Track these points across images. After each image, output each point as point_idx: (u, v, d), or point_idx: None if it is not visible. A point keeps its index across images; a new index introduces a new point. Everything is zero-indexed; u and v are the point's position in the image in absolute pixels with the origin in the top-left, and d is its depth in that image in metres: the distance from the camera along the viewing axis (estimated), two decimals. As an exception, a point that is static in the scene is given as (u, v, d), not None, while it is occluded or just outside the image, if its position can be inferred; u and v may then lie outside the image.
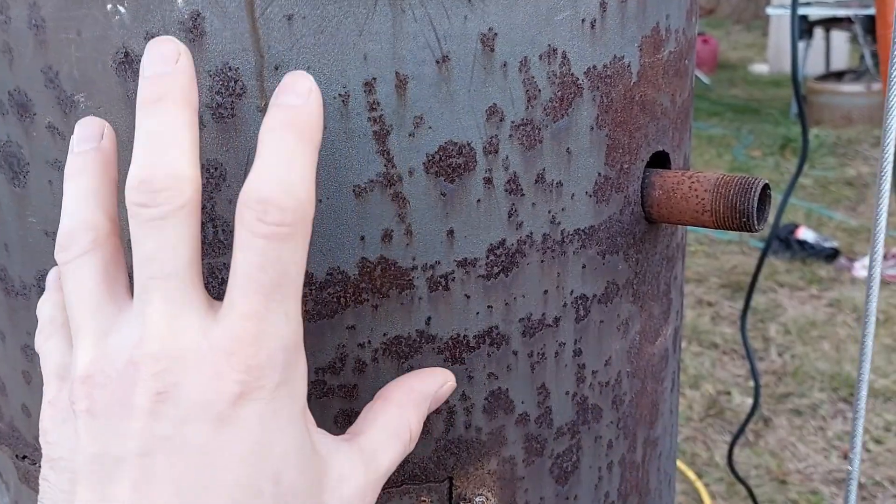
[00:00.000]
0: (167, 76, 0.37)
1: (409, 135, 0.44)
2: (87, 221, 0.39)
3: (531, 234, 0.48)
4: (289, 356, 0.36)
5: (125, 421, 0.35)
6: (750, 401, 2.96)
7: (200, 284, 0.37)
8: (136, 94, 0.42)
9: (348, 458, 0.40)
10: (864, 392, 0.60)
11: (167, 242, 0.36)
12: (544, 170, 0.48)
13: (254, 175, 0.35)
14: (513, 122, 0.46)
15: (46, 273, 0.48)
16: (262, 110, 0.42)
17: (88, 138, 0.40)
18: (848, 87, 6.43)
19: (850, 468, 0.63)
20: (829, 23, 6.93)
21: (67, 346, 0.41)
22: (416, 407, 0.44)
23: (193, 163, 0.36)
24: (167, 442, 0.35)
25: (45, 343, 0.42)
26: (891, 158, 0.54)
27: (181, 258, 0.36)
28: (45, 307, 0.43)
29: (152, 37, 0.41)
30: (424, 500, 0.51)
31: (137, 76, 0.42)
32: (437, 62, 0.43)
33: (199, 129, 0.42)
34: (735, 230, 0.52)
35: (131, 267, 0.38)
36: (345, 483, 0.39)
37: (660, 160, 0.57)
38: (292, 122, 0.36)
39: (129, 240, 0.38)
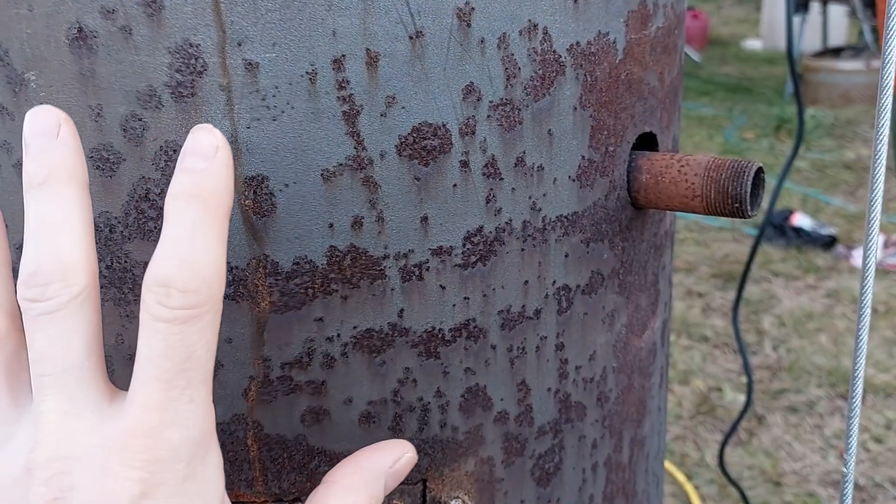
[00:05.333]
0: (49, 152, 0.36)
1: (381, 115, 0.44)
2: None
3: (510, 220, 0.49)
4: (195, 448, 0.35)
5: None
6: (742, 397, 2.98)
7: (101, 376, 0.36)
8: (90, 72, 0.42)
9: None
10: (859, 388, 0.61)
11: (59, 338, 0.35)
12: (524, 153, 0.48)
13: (157, 253, 0.35)
14: (491, 101, 0.46)
15: None
16: (225, 89, 0.42)
17: None
18: (846, 65, 6.47)
19: (844, 470, 0.64)
20: (827, -4, 6.96)
21: None
22: (366, 488, 0.42)
23: (85, 246, 0.35)
24: None
25: None
26: (886, 140, 0.54)
27: (75, 353, 0.35)
28: None
29: (108, 11, 0.41)
30: (398, 504, 0.52)
31: (92, 53, 0.42)
32: (411, 38, 0.43)
33: (158, 108, 0.42)
34: (727, 216, 0.52)
35: None
36: None
37: (647, 142, 0.57)
38: (195, 190, 0.35)
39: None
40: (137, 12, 0.41)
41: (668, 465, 2.65)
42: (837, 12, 7.60)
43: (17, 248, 0.47)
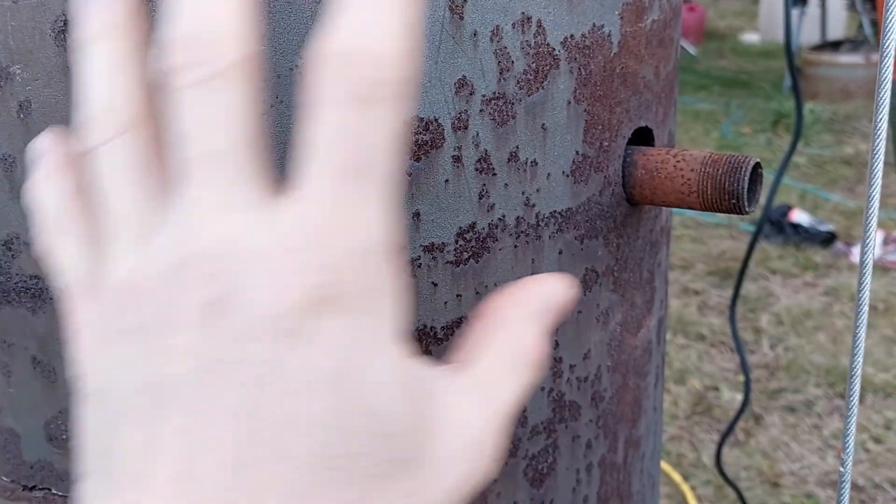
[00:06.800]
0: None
1: (372, 110, 0.44)
2: (119, 97, 0.32)
3: (503, 217, 0.49)
4: (374, 258, 0.30)
5: (171, 339, 0.29)
6: (740, 397, 2.99)
7: (261, 168, 0.31)
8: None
9: (463, 394, 0.33)
10: (856, 387, 0.61)
11: (219, 110, 0.29)
12: (518, 148, 0.48)
13: (334, 25, 0.29)
14: (484, 95, 0.46)
15: None
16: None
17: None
18: (845, 59, 6.48)
19: (842, 469, 0.64)
20: (826, -12, 6.97)
21: (86, 251, 0.33)
22: (538, 322, 0.36)
23: (251, 19, 0.30)
24: (225, 366, 0.29)
25: (58, 241, 0.34)
26: (883, 134, 0.54)
27: (235, 132, 0.30)
28: (50, 193, 0.35)
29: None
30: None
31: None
32: (402, 31, 0.43)
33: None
34: (724, 212, 0.52)
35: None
36: (461, 426, 0.33)
37: (643, 137, 0.57)
38: None
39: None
40: (123, 4, 0.41)
41: (664, 465, 2.66)
42: (836, 5, 7.62)
43: (1, 245, 0.47)
